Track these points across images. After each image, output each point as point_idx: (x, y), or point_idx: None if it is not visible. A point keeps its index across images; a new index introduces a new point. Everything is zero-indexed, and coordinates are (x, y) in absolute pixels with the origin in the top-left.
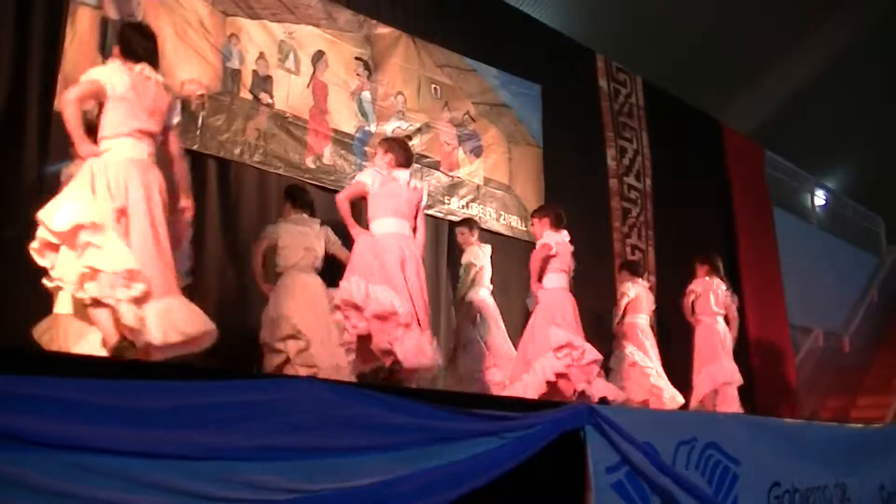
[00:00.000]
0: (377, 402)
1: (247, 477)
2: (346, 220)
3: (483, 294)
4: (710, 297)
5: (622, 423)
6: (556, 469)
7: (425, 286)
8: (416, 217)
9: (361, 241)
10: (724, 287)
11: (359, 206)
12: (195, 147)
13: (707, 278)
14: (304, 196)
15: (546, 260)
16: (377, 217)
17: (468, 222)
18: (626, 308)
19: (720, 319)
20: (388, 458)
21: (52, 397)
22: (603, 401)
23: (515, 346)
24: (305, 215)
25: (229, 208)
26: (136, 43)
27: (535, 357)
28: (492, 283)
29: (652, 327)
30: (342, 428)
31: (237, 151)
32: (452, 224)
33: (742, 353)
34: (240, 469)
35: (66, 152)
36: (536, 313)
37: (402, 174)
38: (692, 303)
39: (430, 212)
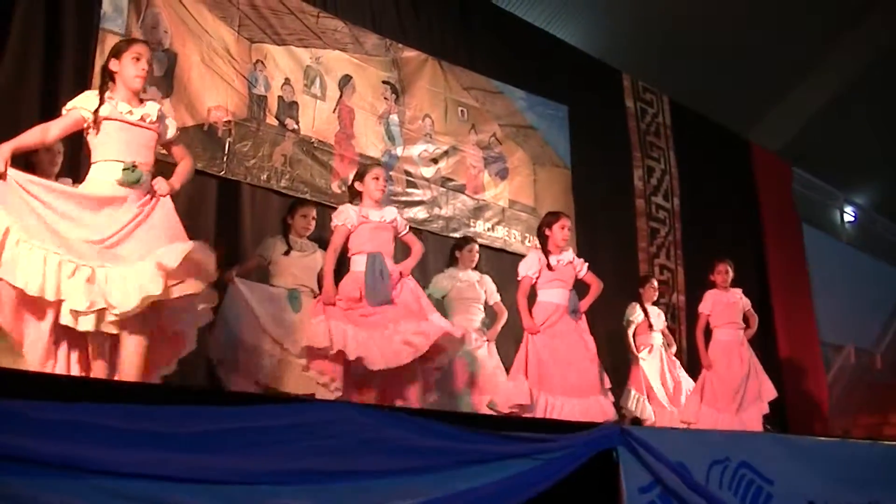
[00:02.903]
0: (409, 425)
1: (279, 501)
2: None
3: None
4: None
5: (655, 443)
6: (589, 490)
7: None
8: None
9: None
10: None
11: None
12: (222, 173)
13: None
14: None
15: None
16: None
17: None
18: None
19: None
20: (421, 480)
21: (87, 423)
22: (635, 421)
23: None
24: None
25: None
26: None
27: None
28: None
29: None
30: (375, 451)
31: (264, 177)
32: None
33: (773, 370)
34: (272, 493)
35: None
36: None
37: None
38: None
39: (455, 234)
